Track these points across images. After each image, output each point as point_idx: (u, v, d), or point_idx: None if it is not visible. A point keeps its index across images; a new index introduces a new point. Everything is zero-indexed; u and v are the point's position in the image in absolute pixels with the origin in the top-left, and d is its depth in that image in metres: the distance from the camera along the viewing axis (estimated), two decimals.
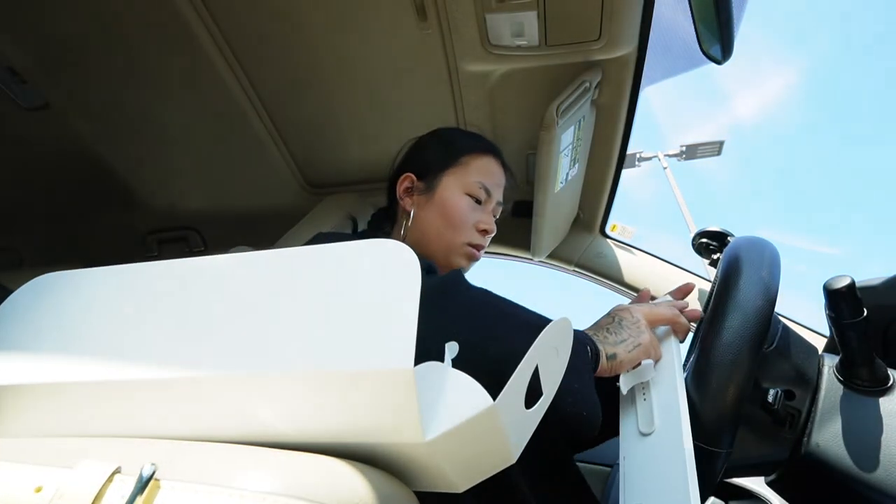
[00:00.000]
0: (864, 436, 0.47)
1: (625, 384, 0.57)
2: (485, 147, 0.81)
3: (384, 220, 0.83)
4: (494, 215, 0.81)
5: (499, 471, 0.34)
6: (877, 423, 0.47)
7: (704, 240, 0.93)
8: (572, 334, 0.40)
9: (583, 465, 1.05)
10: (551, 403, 0.37)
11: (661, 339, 0.60)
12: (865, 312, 0.46)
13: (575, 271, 1.21)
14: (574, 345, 0.41)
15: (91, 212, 1.27)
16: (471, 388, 0.31)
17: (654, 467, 0.48)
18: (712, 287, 0.58)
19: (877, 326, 0.60)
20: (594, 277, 1.19)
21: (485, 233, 0.77)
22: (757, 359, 0.47)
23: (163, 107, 1.01)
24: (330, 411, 0.30)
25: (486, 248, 0.79)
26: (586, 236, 1.20)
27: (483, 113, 0.98)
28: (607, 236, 1.20)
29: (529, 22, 0.77)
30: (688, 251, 1.00)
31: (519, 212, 1.17)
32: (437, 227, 0.75)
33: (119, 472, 0.27)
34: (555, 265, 1.22)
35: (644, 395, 0.56)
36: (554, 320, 0.37)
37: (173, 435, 0.32)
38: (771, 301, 0.49)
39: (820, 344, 0.68)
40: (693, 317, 0.62)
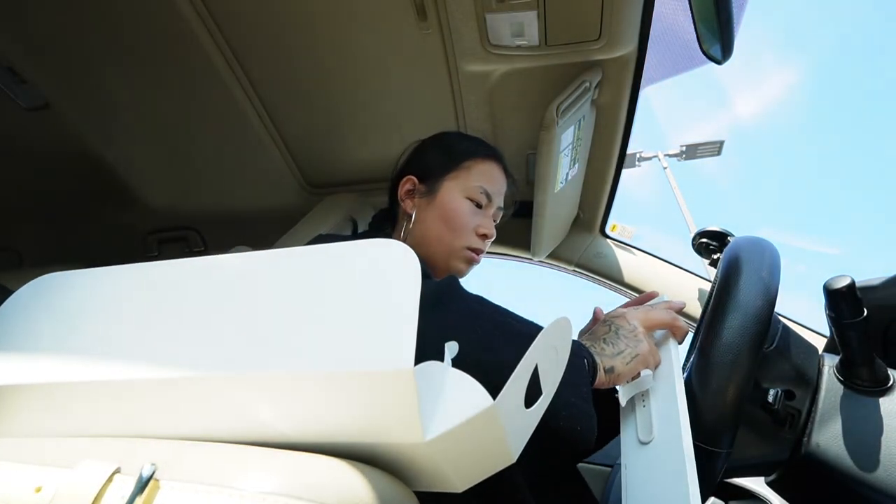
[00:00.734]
0: (864, 436, 0.47)
1: (623, 395, 0.56)
2: (487, 152, 0.81)
3: (385, 222, 0.83)
4: (495, 220, 0.81)
5: (499, 471, 0.34)
6: (877, 423, 0.47)
7: (704, 240, 0.93)
8: (572, 334, 0.40)
9: (583, 466, 1.05)
10: (545, 416, 0.37)
11: (659, 343, 0.59)
12: (865, 312, 0.46)
13: (575, 271, 1.21)
14: (571, 358, 0.40)
15: (91, 212, 1.27)
16: (471, 387, 0.31)
17: (655, 476, 0.48)
18: (712, 287, 0.58)
19: (877, 326, 0.60)
20: (594, 277, 1.19)
21: (484, 237, 0.78)
22: (757, 359, 0.47)
23: (163, 107, 1.01)
24: (330, 411, 0.30)
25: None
26: (586, 236, 1.20)
27: (483, 113, 0.98)
28: (607, 236, 1.20)
29: (529, 22, 0.77)
30: (688, 251, 1.00)
31: (519, 212, 1.17)
32: (438, 230, 0.75)
33: (119, 472, 0.27)
34: (555, 265, 1.23)
35: (643, 402, 0.55)
36: (554, 320, 0.37)
37: (173, 435, 0.32)
38: (771, 301, 0.49)
39: (820, 344, 0.68)
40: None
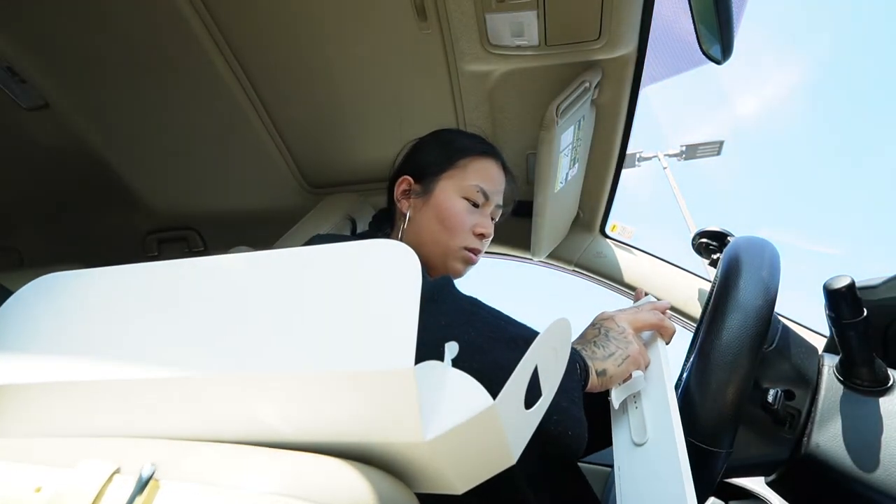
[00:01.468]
0: (864, 436, 0.47)
1: (616, 398, 0.56)
2: (484, 149, 0.80)
3: (384, 222, 0.83)
4: (494, 219, 0.79)
5: (499, 472, 0.34)
6: (877, 423, 0.47)
7: (704, 240, 0.93)
8: (571, 335, 0.40)
9: (583, 465, 1.05)
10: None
11: (647, 343, 0.59)
12: (865, 312, 0.46)
13: (575, 271, 1.21)
14: None
15: (91, 212, 1.27)
16: (471, 388, 0.31)
17: (649, 477, 0.48)
18: (712, 287, 0.58)
19: (877, 326, 0.60)
20: (594, 277, 1.19)
21: (482, 237, 0.76)
22: (757, 359, 0.47)
23: (163, 107, 1.01)
24: (330, 411, 0.30)
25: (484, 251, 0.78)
26: (586, 236, 1.20)
27: (483, 113, 0.98)
28: (607, 236, 1.20)
29: (529, 22, 0.77)
30: (688, 251, 1.00)
31: (519, 212, 1.17)
32: (434, 230, 0.74)
33: (119, 472, 0.27)
34: (555, 265, 1.22)
35: (635, 404, 0.55)
36: (553, 321, 0.37)
37: (173, 435, 0.32)
38: (771, 301, 0.49)
39: (820, 344, 0.68)
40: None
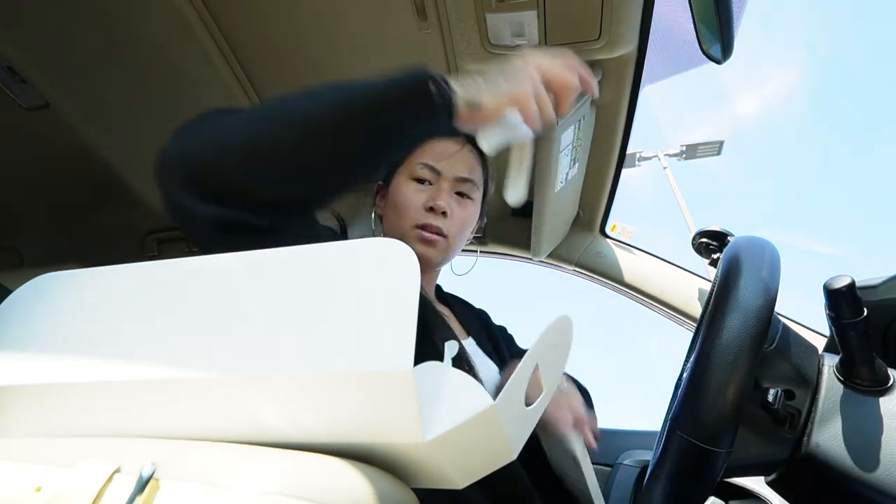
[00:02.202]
0: (864, 436, 0.47)
1: (485, 139, 0.50)
2: None
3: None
4: (464, 193, 0.74)
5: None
6: (877, 423, 0.47)
7: (704, 239, 0.93)
8: (572, 333, 0.40)
9: None
10: None
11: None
12: (865, 312, 0.46)
13: (575, 271, 1.21)
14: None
15: (91, 212, 1.27)
16: (471, 387, 0.31)
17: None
18: (712, 287, 0.58)
19: (877, 326, 0.60)
20: (594, 277, 1.19)
21: (432, 210, 0.71)
22: (757, 359, 0.47)
23: (163, 107, 1.01)
24: (329, 411, 0.30)
25: (449, 232, 0.71)
26: (586, 236, 1.20)
27: None
28: (607, 236, 1.20)
29: (529, 22, 0.77)
30: (688, 251, 1.00)
31: (519, 212, 1.17)
32: (392, 221, 0.74)
33: (119, 472, 0.27)
34: (555, 265, 1.22)
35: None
36: (554, 319, 0.37)
37: (173, 435, 0.32)
38: (771, 301, 0.49)
39: (820, 344, 0.68)
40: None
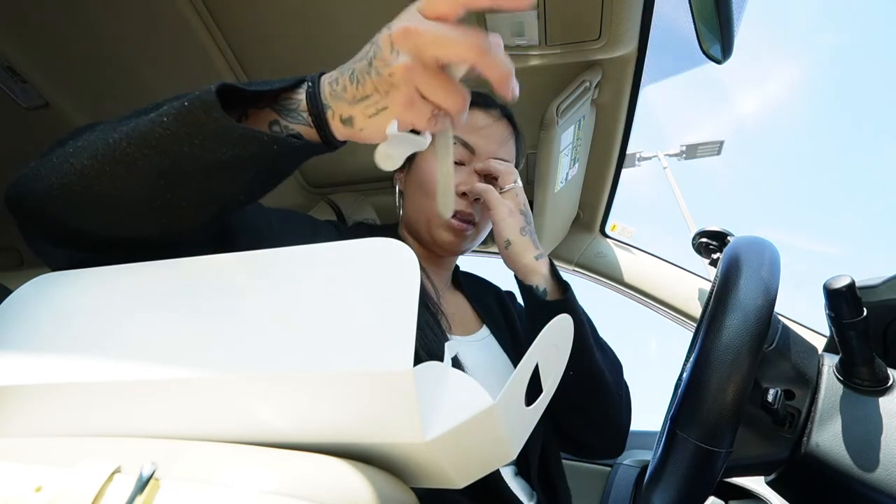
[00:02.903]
0: (864, 436, 0.47)
1: (380, 157, 0.40)
2: None
3: None
4: (493, 174, 0.65)
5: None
6: (877, 422, 0.47)
7: (704, 239, 0.93)
8: (572, 332, 0.40)
9: (583, 465, 1.05)
10: None
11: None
12: (865, 312, 0.46)
13: (575, 271, 1.21)
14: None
15: None
16: (471, 387, 0.31)
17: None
18: (712, 287, 0.58)
19: (877, 326, 0.60)
20: (594, 277, 1.19)
21: (465, 196, 0.64)
22: (757, 359, 0.47)
23: None
24: (329, 412, 0.30)
25: (479, 219, 0.66)
26: (586, 236, 1.20)
27: None
28: (607, 236, 1.20)
29: (529, 21, 0.77)
30: (688, 251, 1.00)
31: None
32: (417, 200, 0.68)
33: (119, 472, 0.27)
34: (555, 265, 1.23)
35: None
36: (554, 318, 0.37)
37: (173, 435, 0.32)
38: (771, 301, 0.49)
39: (820, 344, 0.68)
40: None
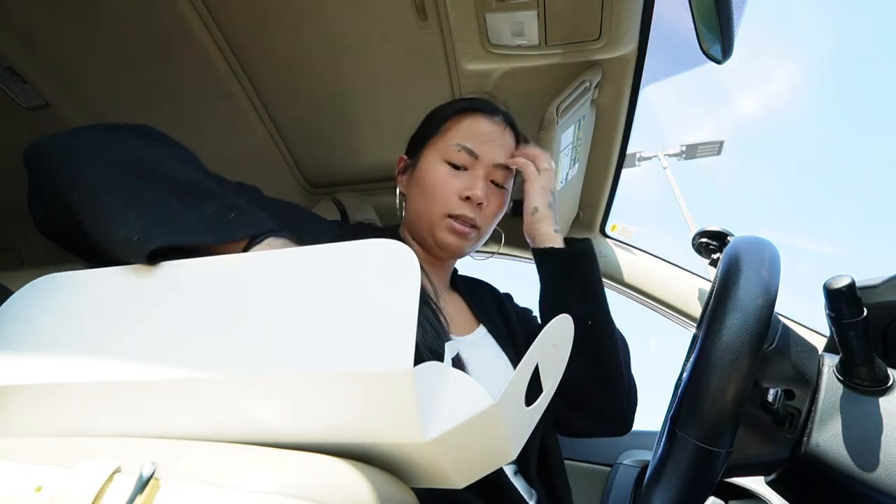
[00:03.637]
0: (864, 435, 0.47)
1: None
2: (466, 106, 0.71)
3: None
4: (497, 182, 0.70)
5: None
6: (877, 422, 0.47)
7: (704, 239, 0.93)
8: (572, 332, 0.40)
9: (583, 465, 1.05)
10: None
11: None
12: (865, 312, 0.46)
13: None
14: None
15: None
16: (470, 387, 0.31)
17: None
18: (712, 287, 0.58)
19: (877, 326, 0.60)
20: None
21: (468, 200, 0.66)
22: (757, 358, 0.47)
23: (163, 107, 1.01)
24: (329, 411, 0.30)
25: (481, 223, 0.69)
26: (586, 236, 1.20)
27: None
28: (607, 236, 1.20)
29: (529, 21, 0.77)
30: (688, 251, 1.00)
31: (519, 211, 1.16)
32: (420, 203, 0.69)
33: (119, 472, 0.27)
34: None
35: None
36: (555, 318, 0.37)
37: (173, 435, 0.32)
38: (771, 301, 0.49)
39: (820, 344, 0.68)
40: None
